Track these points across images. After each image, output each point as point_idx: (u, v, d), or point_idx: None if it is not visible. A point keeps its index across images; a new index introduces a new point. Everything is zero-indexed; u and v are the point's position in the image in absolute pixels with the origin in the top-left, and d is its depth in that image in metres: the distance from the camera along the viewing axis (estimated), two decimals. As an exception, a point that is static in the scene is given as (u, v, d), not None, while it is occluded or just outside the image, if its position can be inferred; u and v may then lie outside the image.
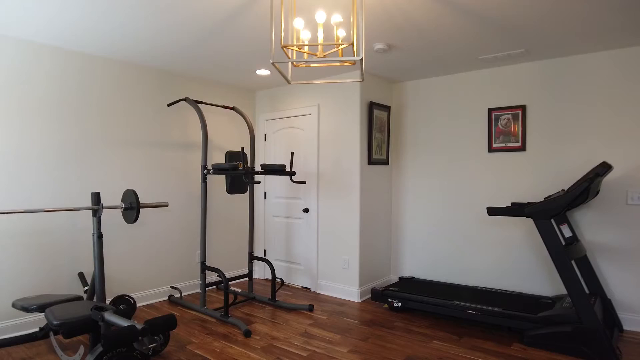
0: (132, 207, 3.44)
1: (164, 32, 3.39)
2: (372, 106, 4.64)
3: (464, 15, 3.01)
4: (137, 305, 4.33)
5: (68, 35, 3.44)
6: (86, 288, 3.71)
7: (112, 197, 4.13)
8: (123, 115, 4.22)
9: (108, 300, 4.10)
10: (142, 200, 4.37)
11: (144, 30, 3.34)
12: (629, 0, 2.72)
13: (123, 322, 2.43)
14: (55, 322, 2.50)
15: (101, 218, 4.03)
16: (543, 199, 3.66)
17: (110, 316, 2.51)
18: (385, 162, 4.98)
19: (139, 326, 2.36)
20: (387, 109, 4.94)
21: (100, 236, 3.31)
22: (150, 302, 4.46)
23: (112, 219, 4.15)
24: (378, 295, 4.23)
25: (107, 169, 4.10)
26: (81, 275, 3.85)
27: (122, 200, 3.53)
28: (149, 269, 4.46)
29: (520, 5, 2.83)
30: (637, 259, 3.64)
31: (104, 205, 3.84)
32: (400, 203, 5.08)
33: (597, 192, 3.67)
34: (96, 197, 3.31)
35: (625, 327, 3.69)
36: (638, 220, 3.63)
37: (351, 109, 4.59)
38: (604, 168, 3.19)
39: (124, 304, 3.81)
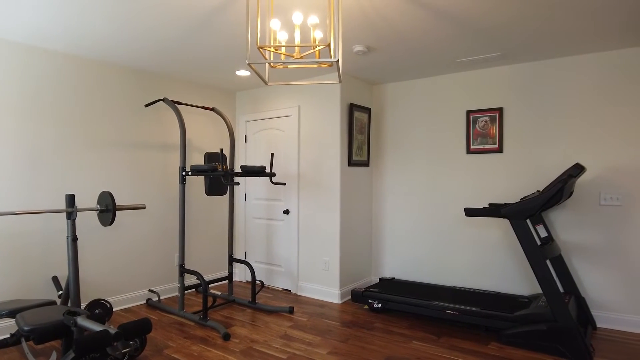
0: (108, 209, 3.37)
1: (142, 32, 3.34)
2: (352, 108, 4.66)
3: (441, 19, 3.05)
4: (114, 309, 4.25)
5: (43, 33, 3.36)
6: (60, 292, 3.62)
7: (87, 199, 4.05)
8: (99, 115, 4.14)
9: (83, 305, 4.02)
10: (119, 202, 4.30)
11: (121, 30, 3.29)
12: (598, 6, 2.79)
13: (96, 327, 2.38)
14: (25, 328, 2.43)
15: (76, 221, 3.96)
16: (519, 200, 3.72)
17: (83, 321, 2.46)
18: (366, 164, 5.00)
19: (113, 331, 2.32)
20: (367, 110, 4.97)
21: (74, 239, 3.24)
22: (128, 306, 4.38)
23: (88, 221, 4.06)
24: (358, 297, 4.24)
25: (83, 170, 4.02)
26: (55, 280, 3.76)
27: (98, 203, 3.46)
28: (126, 272, 4.38)
29: (495, 10, 2.88)
30: (609, 258, 3.73)
31: (78, 207, 3.77)
32: (381, 204, 5.10)
33: (571, 193, 3.75)
34: (70, 199, 3.23)
35: (598, 325, 3.77)
36: (610, 220, 3.72)
37: (332, 111, 4.60)
38: (578, 169, 3.26)
39: (100, 309, 3.73)
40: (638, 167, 3.61)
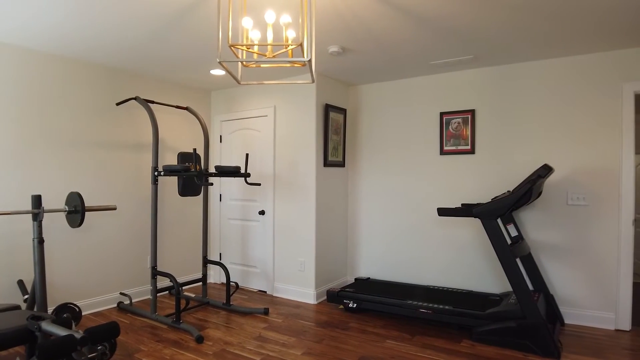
0: (76, 210, 3.28)
1: (111, 28, 3.26)
2: (328, 108, 4.66)
3: (414, 21, 3.08)
4: (84, 313, 4.13)
5: (5, 28, 3.24)
6: (26, 297, 3.50)
7: (55, 200, 3.93)
8: (68, 113, 4.02)
9: (50, 309, 3.89)
10: (89, 203, 4.18)
11: (91, 26, 3.20)
12: (564, 13, 2.87)
13: (61, 332, 2.31)
14: (-14, 334, 2.34)
15: (44, 222, 3.84)
16: (490, 200, 3.79)
17: (47, 326, 2.38)
18: (341, 164, 5.01)
19: (78, 335, 2.25)
20: (343, 111, 4.98)
21: (41, 241, 3.14)
22: (98, 309, 4.27)
23: (56, 223, 3.94)
24: (334, 297, 4.24)
25: (50, 170, 3.90)
26: (21, 283, 3.63)
27: (66, 203, 3.36)
28: (96, 275, 4.26)
29: (467, 14, 2.93)
30: (577, 256, 3.84)
31: (45, 208, 3.65)
32: (356, 204, 5.13)
33: (540, 193, 3.85)
34: (37, 199, 3.13)
35: (566, 321, 3.88)
36: (577, 219, 3.83)
37: (307, 111, 4.59)
38: (546, 170, 3.34)
39: (68, 313, 3.63)
40: (603, 168, 3.73)
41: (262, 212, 4.97)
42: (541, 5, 2.79)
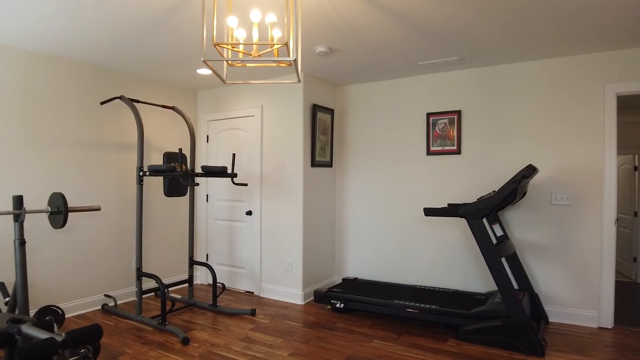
0: (59, 211, 3.22)
1: (96, 26, 3.21)
2: (315, 108, 4.66)
3: (401, 22, 3.09)
4: (67, 316, 4.07)
5: (-15, 25, 3.18)
6: (7, 299, 3.43)
7: (38, 201, 3.86)
8: (51, 112, 3.95)
9: (32, 312, 3.82)
10: (72, 204, 4.12)
11: (75, 24, 3.15)
12: (550, 16, 2.90)
13: (42, 335, 2.26)
14: (-36, 338, 2.29)
15: (25, 223, 3.76)
16: (476, 200, 3.82)
17: (28, 329, 2.33)
18: (329, 164, 5.01)
19: (59, 338, 2.21)
20: (330, 111, 4.98)
21: (22, 243, 3.08)
22: (82, 312, 4.20)
23: (39, 224, 3.87)
24: (321, 297, 4.23)
25: (33, 170, 3.82)
26: (1, 286, 3.56)
27: (49, 204, 3.30)
28: (80, 277, 4.20)
29: (454, 15, 2.95)
30: (561, 255, 3.89)
31: (27, 209, 3.59)
32: (344, 205, 5.13)
33: (525, 193, 3.89)
34: (18, 200, 3.07)
35: (550, 319, 3.93)
36: (561, 218, 3.88)
37: (295, 111, 4.58)
38: (530, 170, 3.38)
39: (51, 315, 3.56)
40: (586, 168, 3.79)
41: (249, 213, 4.94)
42: (526, 9, 2.82)
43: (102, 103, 4.24)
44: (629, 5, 2.74)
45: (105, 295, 4.32)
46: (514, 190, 3.27)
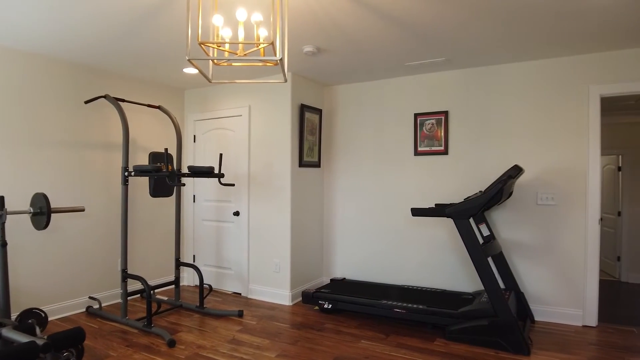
0: (42, 211, 3.17)
1: (79, 22, 3.15)
2: (303, 108, 4.64)
3: (388, 23, 3.09)
4: (50, 318, 3.99)
5: (-35, 22, 3.11)
6: (-13, 302, 3.36)
7: (20, 201, 3.78)
8: (34, 111, 3.88)
9: (14, 316, 3.74)
10: (55, 205, 4.05)
11: (57, 20, 3.09)
12: (535, 19, 2.93)
13: (23, 338, 2.21)
14: (-59, 342, 2.23)
15: (6, 224, 3.69)
16: (463, 200, 3.84)
17: (8, 332, 2.28)
18: (317, 165, 5.00)
19: (40, 342, 2.16)
20: (318, 111, 4.97)
21: (3, 244, 3.02)
22: (66, 314, 4.13)
23: (21, 225, 3.79)
24: (309, 298, 4.22)
25: (14, 170, 3.75)
26: (-18, 289, 3.48)
27: (31, 205, 3.25)
28: (64, 279, 4.13)
29: (440, 16, 2.96)
30: (546, 255, 3.93)
31: (8, 210, 3.52)
32: (332, 205, 5.12)
33: (511, 194, 3.92)
34: (-2, 201, 3.01)
35: (536, 318, 3.96)
36: (547, 219, 3.92)
37: (282, 111, 4.56)
38: (516, 170, 3.41)
39: (33, 318, 3.50)
40: (570, 169, 3.83)
41: (236, 213, 4.91)
42: (512, 12, 2.84)
43: (86, 102, 4.17)
44: (611, 9, 2.78)
45: (90, 297, 4.25)
46: (500, 190, 3.29)
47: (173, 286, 5.27)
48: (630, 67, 3.63)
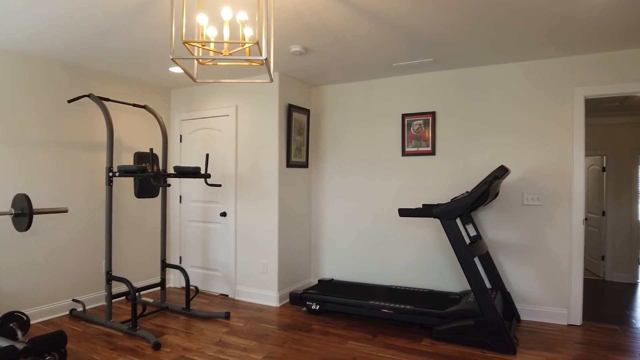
0: (23, 213, 3.10)
1: (60, 18, 3.09)
2: (291, 109, 4.62)
3: (375, 23, 3.09)
4: (33, 322, 3.91)
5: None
6: (-34, 306, 3.28)
7: (1, 202, 3.70)
8: (14, 111, 3.80)
9: (-5, 319, 3.66)
10: (38, 205, 3.97)
11: (33, 16, 3.03)
12: (520, 20, 2.95)
13: (3, 343, 2.16)
14: None
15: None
16: (450, 200, 3.86)
17: (-13, 337, 2.22)
18: (305, 165, 4.99)
19: (20, 346, 2.11)
20: (306, 112, 4.96)
21: (-18, 247, 2.95)
22: (49, 317, 4.05)
23: (1, 226, 3.71)
24: (297, 299, 4.20)
25: (-5, 171, 3.67)
26: (-39, 292, 3.40)
27: (12, 206, 3.18)
28: (47, 281, 4.05)
29: (426, 18, 2.96)
30: (532, 255, 3.97)
31: (-12, 211, 3.44)
32: (320, 206, 5.11)
33: (497, 194, 3.95)
34: (-23, 202, 2.94)
35: (522, 318, 4.00)
36: (533, 219, 3.96)
37: (270, 111, 4.54)
38: (502, 171, 3.43)
39: (15, 322, 3.42)
40: (556, 169, 3.87)
41: (223, 214, 4.87)
42: (498, 14, 2.85)
43: (69, 101, 4.10)
44: (596, 13, 2.81)
45: (74, 300, 4.18)
46: (487, 191, 3.31)
47: (159, 288, 5.21)
48: (614, 69, 3.68)
